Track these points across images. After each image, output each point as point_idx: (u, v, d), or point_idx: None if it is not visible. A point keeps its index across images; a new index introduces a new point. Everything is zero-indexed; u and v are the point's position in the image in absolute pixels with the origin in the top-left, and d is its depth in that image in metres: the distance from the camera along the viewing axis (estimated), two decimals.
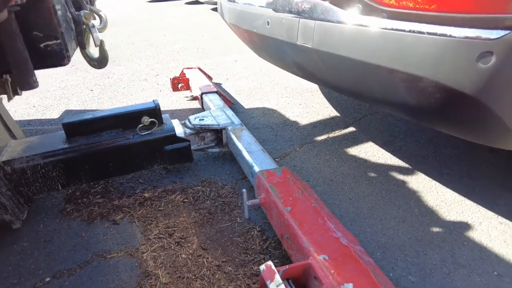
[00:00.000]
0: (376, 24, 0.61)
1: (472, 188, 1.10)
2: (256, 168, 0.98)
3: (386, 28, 0.60)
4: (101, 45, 0.83)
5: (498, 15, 0.47)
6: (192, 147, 1.25)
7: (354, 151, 1.35)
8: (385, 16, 0.59)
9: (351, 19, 0.65)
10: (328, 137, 1.47)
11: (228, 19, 1.39)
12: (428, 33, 0.54)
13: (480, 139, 0.62)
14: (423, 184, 1.13)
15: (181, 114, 1.80)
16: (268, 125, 1.61)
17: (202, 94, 1.65)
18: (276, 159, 1.33)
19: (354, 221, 1.00)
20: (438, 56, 0.54)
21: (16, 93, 0.94)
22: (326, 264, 0.64)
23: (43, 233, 1.02)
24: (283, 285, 0.61)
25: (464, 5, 0.49)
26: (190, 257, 0.90)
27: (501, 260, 0.84)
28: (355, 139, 1.44)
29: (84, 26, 0.79)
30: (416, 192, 1.10)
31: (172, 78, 1.96)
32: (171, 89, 2.01)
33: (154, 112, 1.17)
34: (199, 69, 2.14)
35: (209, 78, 2.21)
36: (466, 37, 0.50)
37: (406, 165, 1.24)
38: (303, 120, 1.64)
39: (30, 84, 0.60)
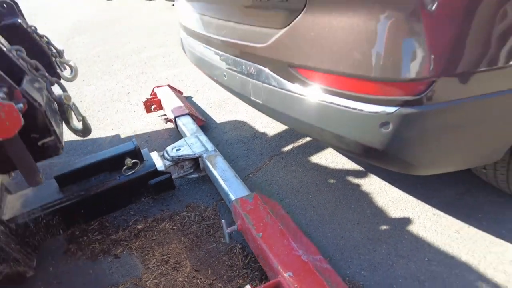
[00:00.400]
0: (307, 93, 0.78)
1: (415, 185, 1.31)
2: (232, 197, 1.16)
3: (315, 98, 0.76)
4: (83, 120, 0.96)
5: (392, 97, 0.65)
6: (173, 176, 1.41)
7: (316, 159, 1.54)
8: (313, 89, 0.76)
9: (287, 86, 0.81)
10: (293, 147, 1.65)
11: (190, 59, 1.51)
12: (345, 107, 0.71)
13: (395, 169, 0.81)
14: (374, 186, 1.34)
15: (157, 137, 1.93)
16: (240, 140, 1.77)
17: (175, 117, 1.78)
18: (250, 175, 1.50)
19: (317, 228, 1.20)
20: (354, 123, 0.71)
21: None
22: (291, 280, 0.83)
23: (54, 275, 1.16)
24: None
25: (370, 89, 0.67)
26: (186, 279, 1.08)
27: (432, 247, 1.07)
28: (316, 147, 1.63)
29: (66, 105, 0.91)
30: (369, 194, 1.31)
31: (145, 101, 2.07)
32: (144, 107, 2.13)
33: (135, 152, 1.31)
34: (169, 86, 2.26)
35: (180, 93, 2.33)
36: (372, 112, 0.68)
37: (361, 169, 1.44)
38: (271, 131, 1.81)
39: (37, 181, 0.74)
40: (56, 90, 0.95)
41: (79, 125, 0.97)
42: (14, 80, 0.72)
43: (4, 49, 0.79)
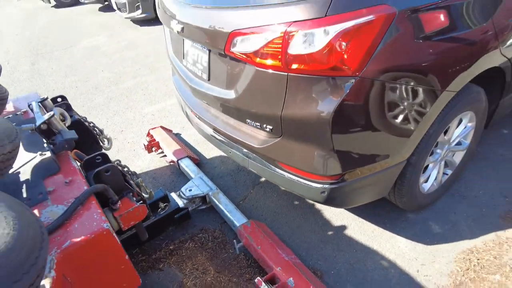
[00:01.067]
0: (283, 174, 1.45)
1: None
2: (236, 224, 1.81)
3: (288, 176, 1.44)
4: (150, 193, 1.54)
5: (325, 180, 1.35)
6: (189, 209, 2.02)
7: None
8: (286, 172, 1.43)
9: (273, 169, 1.48)
10: None
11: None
12: (304, 183, 1.39)
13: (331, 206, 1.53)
14: (323, 205, 2.06)
15: (162, 173, 2.49)
16: (228, 173, 2.41)
17: (178, 160, 2.37)
18: (240, 202, 2.15)
19: (290, 237, 1.89)
20: (308, 190, 1.40)
21: None
22: (280, 272, 1.51)
23: None
24: (266, 285, 1.46)
25: (315, 177, 1.35)
26: (213, 278, 1.72)
27: (358, 242, 1.81)
28: None
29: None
30: (319, 210, 2.03)
31: (147, 145, 2.61)
32: (145, 149, 2.66)
33: (165, 197, 1.90)
34: (162, 127, 2.81)
35: (170, 131, 2.89)
36: (316, 186, 1.37)
37: None
38: None
39: (144, 237, 1.32)
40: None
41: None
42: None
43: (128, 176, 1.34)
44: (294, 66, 1.19)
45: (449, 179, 1.97)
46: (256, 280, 1.50)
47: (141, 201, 1.30)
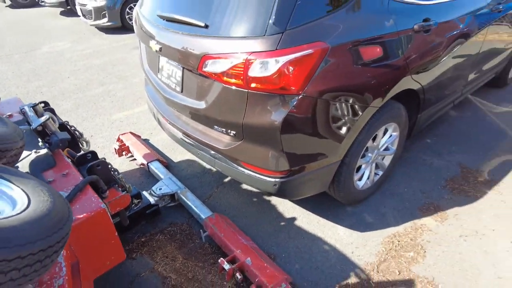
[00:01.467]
0: (245, 171, 1.77)
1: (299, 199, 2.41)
2: (202, 216, 2.08)
3: (248, 172, 1.76)
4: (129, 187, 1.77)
5: (277, 175, 1.68)
6: (159, 206, 2.26)
7: (245, 186, 2.54)
8: (247, 169, 1.75)
9: (235, 166, 1.79)
10: (231, 178, 2.63)
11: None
12: (260, 178, 1.71)
13: (282, 198, 1.86)
14: (277, 200, 2.40)
15: (132, 175, 2.70)
16: (194, 175, 2.67)
17: (148, 163, 2.59)
18: (206, 200, 2.43)
19: (249, 228, 2.19)
20: (263, 183, 1.73)
21: None
22: (240, 254, 1.81)
23: None
24: (228, 265, 1.75)
25: (269, 172, 1.68)
26: (181, 264, 1.97)
27: (305, 231, 2.16)
28: None
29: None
30: (275, 205, 2.36)
31: (117, 149, 2.80)
32: (115, 153, 2.85)
33: (138, 195, 2.13)
34: (131, 133, 3.01)
35: (138, 137, 3.10)
36: (269, 180, 1.70)
37: None
38: None
39: (126, 222, 1.55)
40: None
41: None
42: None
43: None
44: (253, 85, 1.52)
45: (380, 178, 2.40)
46: (219, 261, 1.78)
47: (125, 191, 1.54)
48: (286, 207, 2.35)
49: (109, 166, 1.61)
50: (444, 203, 2.38)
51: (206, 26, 1.63)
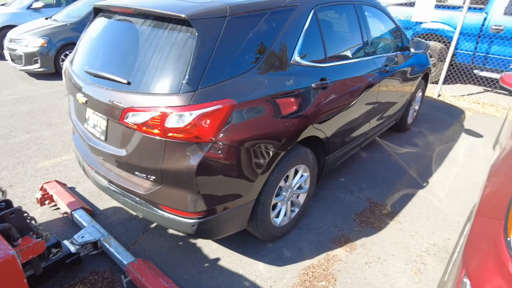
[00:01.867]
0: (163, 214, 1.89)
1: (223, 240, 2.54)
2: (125, 262, 2.10)
3: (167, 215, 1.88)
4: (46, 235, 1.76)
5: (194, 216, 1.83)
6: (81, 254, 2.22)
7: (170, 231, 2.61)
8: (165, 212, 1.88)
9: (156, 210, 1.90)
10: (156, 224, 2.68)
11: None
12: (178, 220, 1.85)
13: (200, 238, 1.99)
14: (201, 243, 2.51)
15: (54, 225, 2.62)
16: (120, 222, 2.68)
17: (71, 211, 2.56)
18: (131, 246, 2.45)
19: (172, 270, 2.25)
20: (182, 225, 1.86)
21: None
22: None
23: None
24: None
25: (187, 214, 1.83)
26: None
27: (224, 268, 2.28)
28: None
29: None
30: (199, 248, 2.46)
31: (40, 198, 2.72)
32: (37, 203, 2.75)
33: (57, 244, 2.09)
34: (56, 181, 2.95)
35: (64, 185, 3.04)
36: (188, 222, 1.84)
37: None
38: None
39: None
40: None
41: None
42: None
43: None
44: (170, 134, 1.71)
45: (297, 215, 2.65)
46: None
47: (40, 238, 1.55)
48: (211, 248, 2.46)
49: (25, 214, 1.62)
50: (353, 234, 2.69)
51: (129, 83, 1.82)
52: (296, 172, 2.47)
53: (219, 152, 1.77)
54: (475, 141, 4.61)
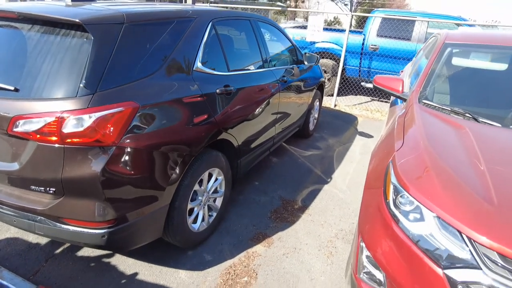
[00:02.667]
0: (64, 228, 1.76)
1: (140, 253, 2.44)
2: None
3: (64, 228, 1.76)
4: None
5: (104, 226, 1.75)
6: None
7: (81, 253, 2.41)
8: (65, 225, 1.75)
9: (58, 225, 1.76)
10: (63, 248, 2.44)
11: None
12: (87, 232, 1.74)
13: (111, 251, 1.89)
14: (115, 260, 2.36)
15: None
16: (16, 253, 2.37)
17: None
18: (31, 277, 2.17)
19: None
20: (91, 238, 1.76)
21: None
22: None
23: None
24: None
25: (90, 224, 1.74)
26: None
27: (143, 281, 2.19)
28: (74, 247, 2.49)
29: None
30: (115, 265, 2.31)
31: None
32: None
33: None
34: None
35: None
36: (98, 232, 1.75)
37: (104, 253, 2.44)
38: (43, 240, 2.51)
39: None
40: None
41: None
42: None
43: None
44: (69, 140, 1.63)
45: (215, 219, 2.69)
46: None
47: None
48: (127, 264, 2.34)
49: None
50: (270, 230, 2.84)
51: (16, 90, 1.69)
52: (210, 176, 2.54)
53: (125, 156, 1.74)
54: (367, 141, 5.31)
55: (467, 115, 2.18)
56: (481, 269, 1.26)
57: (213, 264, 2.41)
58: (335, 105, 7.06)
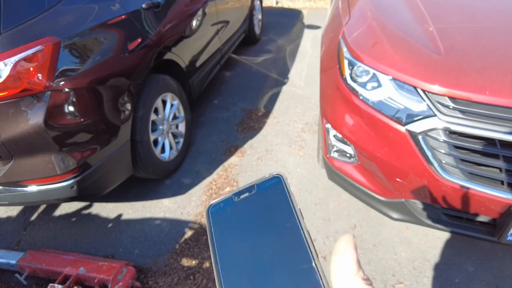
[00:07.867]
0: (25, 189, 1.66)
1: (121, 195, 2.42)
2: (13, 261, 1.83)
3: (30, 190, 1.66)
4: None
5: (69, 176, 1.66)
6: None
7: (58, 212, 2.35)
8: (29, 186, 1.64)
9: (18, 190, 1.64)
10: (38, 213, 2.36)
11: None
12: (50, 186, 1.66)
13: (82, 201, 1.85)
14: (95, 208, 2.34)
15: None
16: None
17: None
18: (15, 247, 2.13)
19: (78, 245, 2.08)
20: (61, 192, 1.68)
21: None
22: (71, 269, 1.72)
23: None
24: (60, 286, 1.64)
25: (53, 179, 1.64)
26: None
27: (133, 220, 2.22)
28: (52, 208, 2.42)
29: None
30: (97, 213, 2.30)
31: None
32: None
33: None
34: None
35: None
36: (66, 184, 1.66)
37: (84, 204, 2.40)
38: (14, 211, 2.40)
39: None
40: None
41: None
42: None
43: None
44: None
45: (183, 145, 2.66)
46: (49, 286, 1.65)
47: None
48: (108, 209, 2.33)
49: None
50: (240, 142, 2.88)
51: None
52: (164, 102, 2.41)
53: (64, 99, 1.57)
54: (316, 32, 5.20)
55: None
56: (436, 115, 1.35)
57: (194, 185, 2.46)
58: (277, 2, 6.68)
